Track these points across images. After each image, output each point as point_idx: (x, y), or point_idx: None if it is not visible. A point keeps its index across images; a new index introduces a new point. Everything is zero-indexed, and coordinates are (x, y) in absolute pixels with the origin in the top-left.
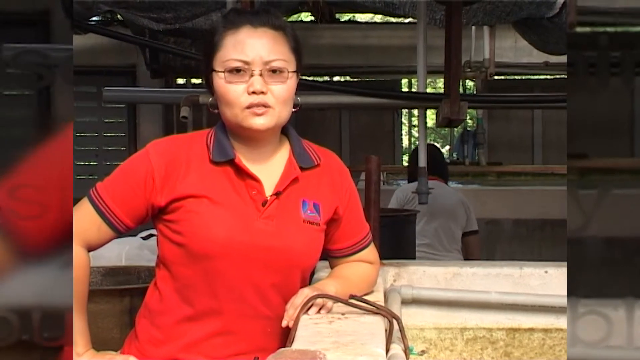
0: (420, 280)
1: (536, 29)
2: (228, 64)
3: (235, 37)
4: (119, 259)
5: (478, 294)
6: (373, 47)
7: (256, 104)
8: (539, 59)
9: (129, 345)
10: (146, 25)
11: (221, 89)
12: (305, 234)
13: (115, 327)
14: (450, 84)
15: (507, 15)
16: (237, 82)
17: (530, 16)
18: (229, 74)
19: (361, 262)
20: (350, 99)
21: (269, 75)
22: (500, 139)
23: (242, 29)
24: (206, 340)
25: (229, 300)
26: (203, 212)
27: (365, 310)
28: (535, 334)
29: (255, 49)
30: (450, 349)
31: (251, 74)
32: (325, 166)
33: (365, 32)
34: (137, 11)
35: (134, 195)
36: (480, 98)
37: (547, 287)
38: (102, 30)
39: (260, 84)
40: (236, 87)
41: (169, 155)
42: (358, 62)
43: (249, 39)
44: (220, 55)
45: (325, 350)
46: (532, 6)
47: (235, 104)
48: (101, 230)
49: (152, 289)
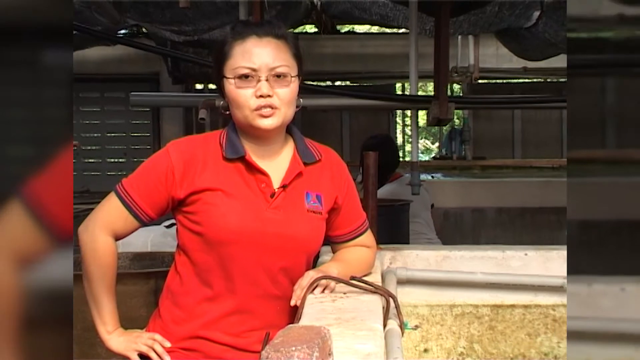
0: (413, 262)
1: (515, 38)
2: (237, 71)
3: (243, 47)
4: (145, 245)
5: (465, 275)
6: (370, 55)
7: (263, 106)
8: (518, 65)
9: (153, 324)
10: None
11: (232, 93)
12: (309, 222)
13: (142, 306)
14: (439, 88)
15: (490, 25)
16: (246, 87)
17: (510, 26)
18: (239, 80)
19: (360, 247)
20: (350, 101)
21: (274, 80)
22: (484, 136)
23: (248, 39)
24: (223, 318)
25: (243, 283)
26: (218, 204)
27: (365, 290)
28: (516, 310)
29: (261, 57)
30: (440, 324)
31: (258, 80)
32: (326, 161)
33: (363, 41)
34: (160, 25)
35: (156, 190)
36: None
37: (527, 268)
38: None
39: (266, 88)
40: (245, 92)
41: (186, 153)
42: (357, 68)
43: (255, 48)
44: (230, 64)
45: (329, 326)
46: (511, 18)
47: (245, 106)
48: (127, 221)
49: (173, 273)
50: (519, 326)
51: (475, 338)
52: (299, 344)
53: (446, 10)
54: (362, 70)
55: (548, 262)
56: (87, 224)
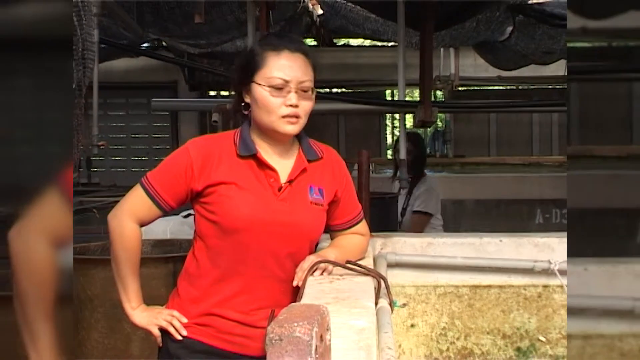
0: (402, 248)
1: (491, 50)
2: (271, 81)
3: (278, 59)
4: (164, 233)
5: (447, 259)
6: (363, 65)
7: (291, 115)
8: (493, 74)
9: (172, 302)
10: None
11: (264, 99)
12: (312, 212)
13: (162, 287)
14: (424, 94)
15: (468, 39)
16: (278, 96)
17: (486, 40)
18: (272, 89)
19: (355, 234)
20: (346, 106)
21: (300, 92)
22: (464, 137)
23: (282, 52)
24: (234, 297)
25: (252, 266)
26: (232, 196)
27: (359, 273)
28: (492, 290)
29: (293, 71)
30: (425, 302)
31: (289, 91)
32: (327, 159)
33: (357, 53)
34: (177, 38)
35: (177, 182)
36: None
37: (502, 252)
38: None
39: (295, 99)
40: (277, 100)
41: (204, 150)
42: (351, 77)
43: (289, 62)
44: (263, 72)
45: (327, 304)
46: (487, 32)
47: (275, 112)
48: (151, 210)
49: (191, 257)
50: (495, 304)
51: (456, 314)
52: (300, 320)
53: (430, 25)
54: (356, 79)
55: (520, 247)
56: (115, 212)
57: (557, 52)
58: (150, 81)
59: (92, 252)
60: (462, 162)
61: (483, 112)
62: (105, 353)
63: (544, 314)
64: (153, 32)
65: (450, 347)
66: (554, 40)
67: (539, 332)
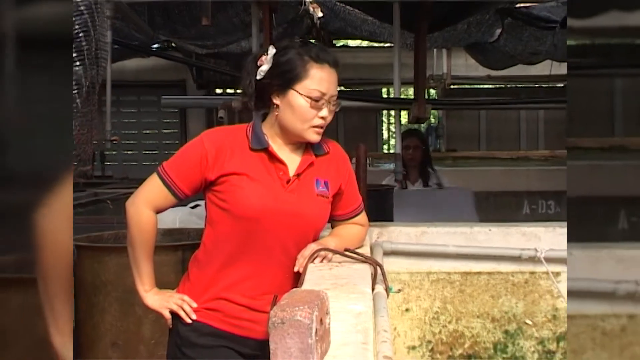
0: (397, 237)
1: (481, 51)
2: (312, 93)
3: (321, 73)
4: (174, 223)
5: (440, 247)
6: (361, 64)
7: (320, 125)
8: (483, 73)
9: (182, 286)
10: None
11: (302, 108)
12: (318, 204)
13: (172, 273)
14: (418, 92)
15: (460, 40)
16: (314, 107)
17: (477, 41)
18: (312, 100)
19: (355, 225)
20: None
21: (329, 105)
22: (455, 132)
23: (325, 67)
24: (241, 282)
25: (260, 253)
26: (243, 186)
27: (357, 260)
28: (482, 276)
29: (330, 87)
30: (419, 288)
31: (322, 103)
32: (333, 154)
33: (355, 53)
34: (186, 39)
35: (192, 172)
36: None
37: (491, 241)
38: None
39: (327, 112)
40: (312, 111)
41: (218, 142)
42: (350, 76)
43: (329, 77)
44: (306, 83)
45: (327, 290)
46: (478, 34)
47: (307, 121)
48: (167, 198)
49: (202, 245)
50: (484, 290)
51: (448, 299)
52: (301, 305)
53: (424, 27)
54: (354, 78)
55: (508, 236)
56: (133, 199)
57: (543, 52)
58: (160, 80)
59: (105, 241)
60: (453, 156)
61: (473, 109)
62: (118, 335)
63: (531, 299)
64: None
65: (442, 330)
66: (539, 41)
67: (526, 316)
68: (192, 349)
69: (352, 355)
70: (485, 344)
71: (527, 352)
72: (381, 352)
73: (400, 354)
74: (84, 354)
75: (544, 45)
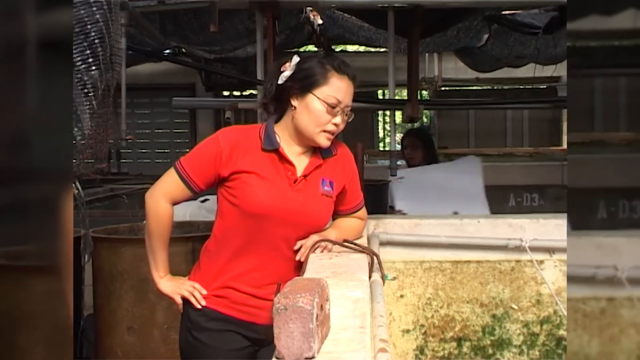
0: (392, 228)
1: (469, 55)
2: (330, 99)
3: (340, 83)
4: (184, 216)
5: (432, 237)
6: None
7: (331, 131)
8: (472, 75)
9: (194, 275)
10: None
11: (318, 112)
12: (322, 203)
13: (183, 263)
14: (411, 93)
15: (449, 45)
16: (330, 113)
17: (466, 46)
18: (328, 106)
19: (355, 218)
20: None
21: (343, 115)
22: (446, 131)
23: (344, 78)
24: (247, 273)
25: (265, 247)
26: (253, 184)
27: (355, 250)
28: (471, 265)
29: (346, 96)
30: (413, 276)
31: (337, 111)
32: (340, 155)
33: (352, 58)
34: (195, 45)
35: (207, 167)
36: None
37: (480, 232)
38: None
39: (340, 120)
40: (327, 115)
41: (232, 140)
42: None
43: (347, 88)
44: (325, 89)
45: (327, 278)
46: (466, 39)
47: (321, 125)
48: (183, 191)
49: (212, 236)
50: (473, 277)
51: (440, 286)
52: (303, 292)
53: (416, 33)
54: None
55: (495, 228)
56: (151, 192)
57: (527, 56)
58: (172, 83)
59: (121, 233)
60: (445, 152)
61: (463, 109)
62: (133, 320)
63: (516, 285)
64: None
65: (434, 314)
66: (524, 46)
67: (512, 301)
68: (201, 333)
69: (350, 339)
70: (474, 327)
71: (513, 334)
72: (378, 335)
73: (396, 337)
74: (103, 337)
75: (528, 50)
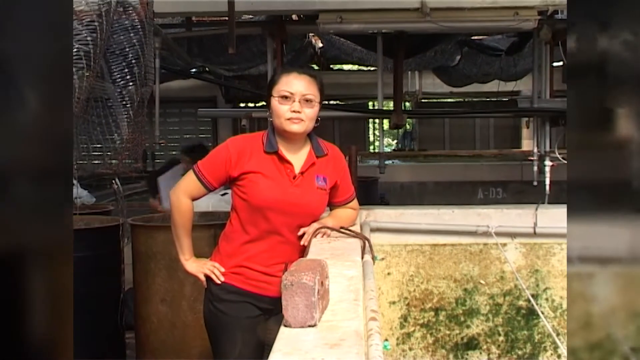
0: (381, 217)
1: (445, 72)
2: (280, 92)
3: (287, 78)
4: (207, 207)
5: (414, 225)
6: (352, 83)
7: (293, 118)
8: (447, 90)
9: (214, 256)
10: (222, 73)
11: (275, 107)
12: (318, 195)
13: (206, 247)
14: (397, 104)
15: (428, 64)
16: (284, 104)
17: (442, 65)
18: (280, 99)
19: (348, 208)
20: (339, 113)
21: (304, 102)
22: (426, 135)
23: (291, 74)
24: (258, 255)
25: (271, 233)
26: (258, 182)
27: (350, 236)
28: (446, 247)
29: (298, 86)
30: (398, 257)
31: (293, 100)
32: (331, 155)
33: (347, 75)
34: (217, 65)
35: (219, 170)
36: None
37: (454, 220)
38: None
39: (297, 107)
40: (283, 107)
41: (239, 146)
42: (343, 92)
43: (295, 79)
44: (276, 87)
45: (326, 259)
46: (442, 59)
47: (282, 116)
48: (200, 189)
49: (229, 224)
50: (448, 257)
51: (420, 265)
52: (306, 271)
53: (401, 54)
54: (346, 94)
55: (468, 216)
56: (174, 190)
57: (492, 74)
58: (197, 96)
59: (155, 221)
60: (424, 154)
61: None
62: (166, 293)
63: (484, 265)
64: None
65: (416, 289)
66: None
67: (480, 278)
68: (221, 304)
69: (346, 310)
70: (449, 299)
71: (481, 305)
72: (369, 306)
73: (384, 308)
74: (140, 307)
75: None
